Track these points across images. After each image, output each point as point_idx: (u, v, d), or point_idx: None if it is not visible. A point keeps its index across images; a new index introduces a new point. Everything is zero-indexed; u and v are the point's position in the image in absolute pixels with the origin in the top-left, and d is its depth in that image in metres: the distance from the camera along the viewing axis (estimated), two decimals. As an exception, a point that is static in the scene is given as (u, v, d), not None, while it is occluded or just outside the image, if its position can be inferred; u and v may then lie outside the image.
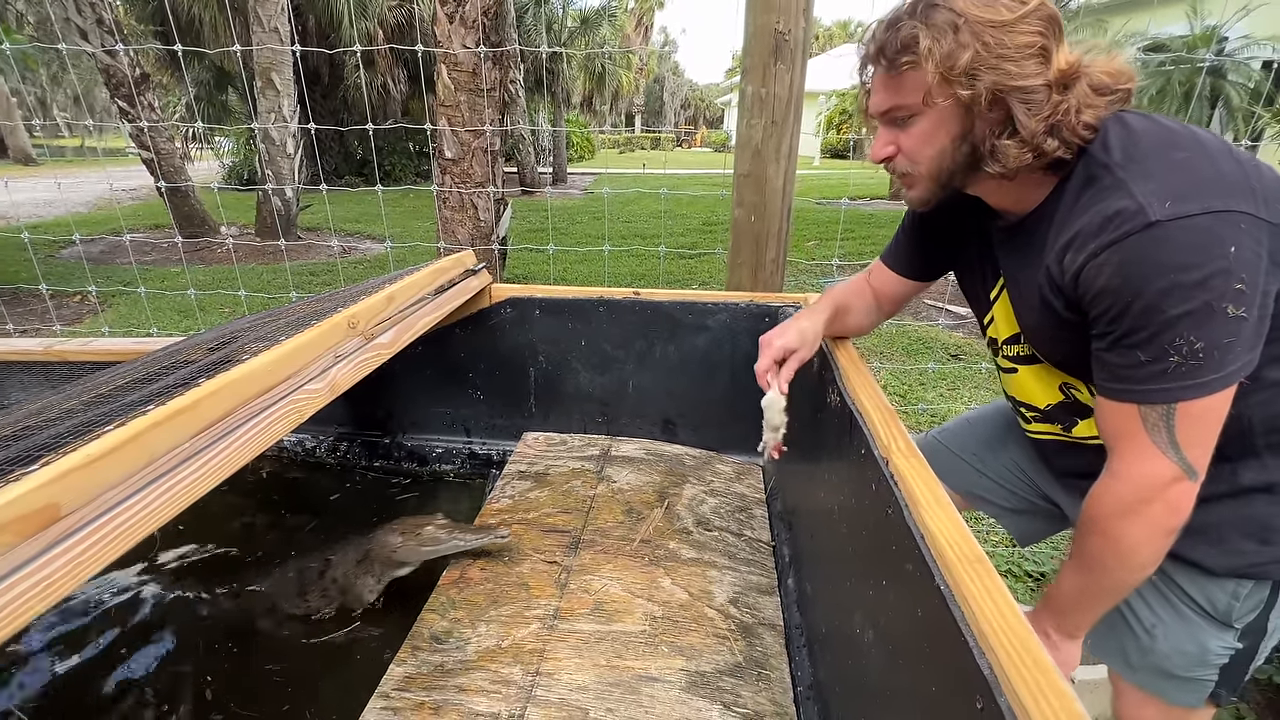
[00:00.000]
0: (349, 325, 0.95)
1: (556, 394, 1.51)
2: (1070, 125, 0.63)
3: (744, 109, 1.34)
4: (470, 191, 3.44)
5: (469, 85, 3.22)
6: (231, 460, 0.69)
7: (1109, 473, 0.66)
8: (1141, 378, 0.61)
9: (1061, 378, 0.79)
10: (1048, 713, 0.40)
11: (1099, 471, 0.68)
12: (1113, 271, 0.60)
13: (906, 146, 0.73)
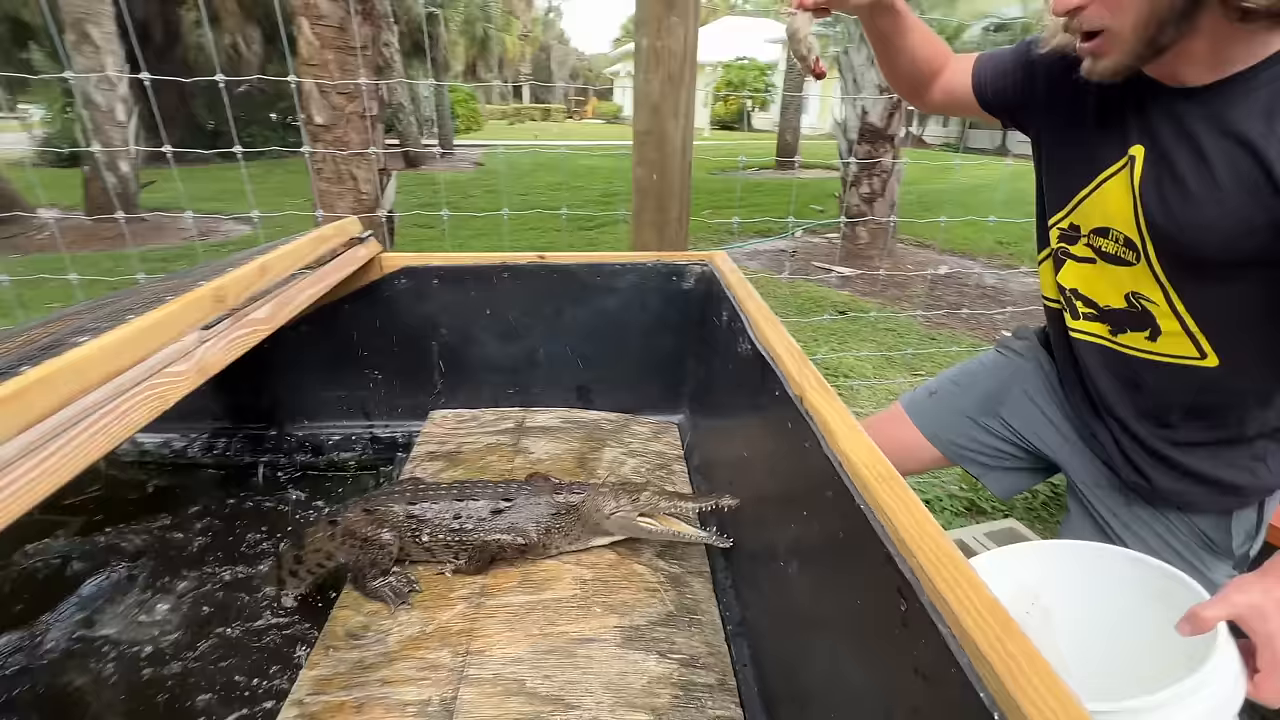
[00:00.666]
0: (216, 299, 0.83)
1: (463, 368, 1.43)
2: None
3: (640, 63, 1.31)
4: (348, 160, 3.16)
5: (336, 42, 2.92)
6: (76, 457, 0.59)
7: None
8: None
9: (1134, 288, 0.78)
10: (965, 601, 0.43)
11: (1151, 388, 0.74)
12: None
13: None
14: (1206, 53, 0.66)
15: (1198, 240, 0.69)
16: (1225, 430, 0.80)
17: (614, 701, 0.78)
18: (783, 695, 0.76)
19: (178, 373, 0.74)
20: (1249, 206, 0.65)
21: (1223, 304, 0.72)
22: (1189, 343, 0.76)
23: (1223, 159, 0.66)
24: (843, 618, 0.60)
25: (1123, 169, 0.75)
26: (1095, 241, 0.82)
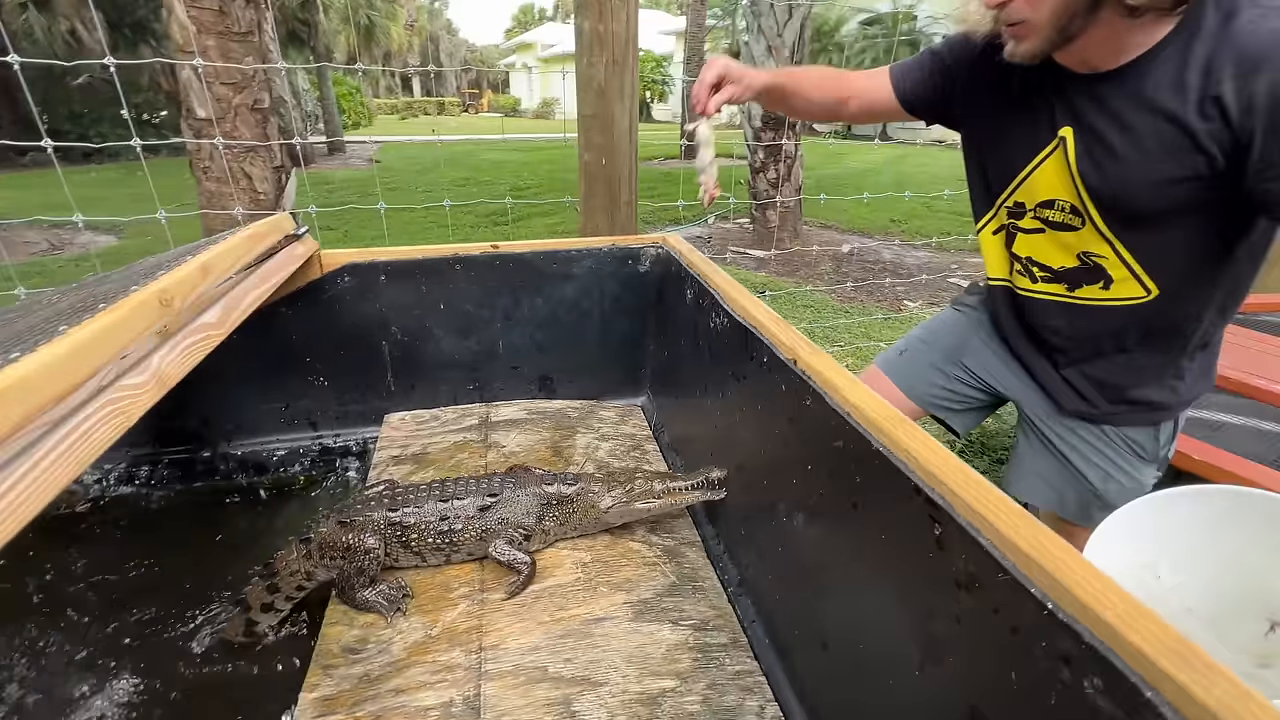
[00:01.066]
0: (161, 303, 0.75)
1: (418, 366, 1.37)
2: None
3: (582, 47, 1.30)
4: (239, 157, 2.88)
5: (218, 26, 2.65)
6: (43, 487, 0.51)
7: None
8: None
9: (1085, 247, 0.88)
10: (998, 514, 0.48)
11: (1100, 330, 0.88)
12: None
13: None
14: (1111, 40, 0.76)
15: (1134, 198, 0.80)
16: (1157, 355, 0.94)
17: (638, 673, 0.79)
18: (798, 641, 0.80)
19: (136, 385, 0.66)
20: (1172, 165, 0.76)
21: (1162, 247, 0.85)
22: (1137, 284, 0.88)
23: (1147, 128, 0.76)
24: (865, 554, 0.65)
25: (1056, 149, 0.86)
26: (1042, 213, 0.91)
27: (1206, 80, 0.71)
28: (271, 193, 3.08)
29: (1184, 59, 0.73)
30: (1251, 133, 0.70)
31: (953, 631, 0.52)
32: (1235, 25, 0.70)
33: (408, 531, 0.93)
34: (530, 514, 0.97)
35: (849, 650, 0.69)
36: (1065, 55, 0.81)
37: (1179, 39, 0.74)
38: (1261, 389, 1.61)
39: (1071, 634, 0.40)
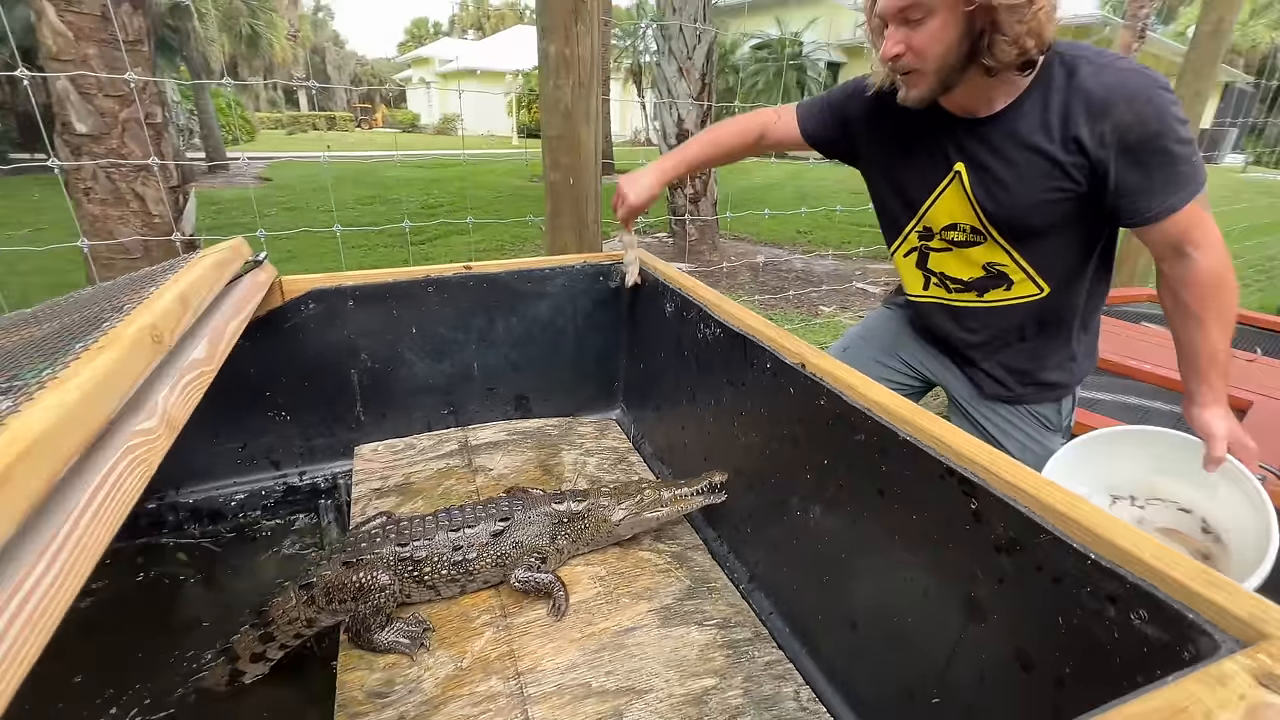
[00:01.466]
0: (153, 339, 0.69)
1: (390, 394, 1.32)
2: (1039, 32, 0.81)
3: (548, 70, 1.32)
4: (129, 177, 2.61)
5: (98, 34, 2.39)
6: (90, 547, 0.47)
7: (1198, 251, 0.87)
8: (1186, 179, 0.84)
9: (988, 259, 1.02)
10: (1030, 485, 0.56)
11: (1006, 325, 1.04)
12: (1150, 116, 0.82)
13: (916, 44, 0.85)
14: (984, 91, 0.92)
15: (1023, 217, 0.97)
16: (1051, 341, 1.11)
17: (679, 675, 0.82)
18: (822, 626, 0.86)
19: (149, 430, 0.61)
20: (1049, 189, 0.92)
21: (1048, 253, 1.01)
22: (1032, 284, 1.04)
23: (1025, 161, 0.92)
24: (896, 536, 0.72)
25: (953, 181, 1.00)
26: (948, 235, 1.06)
27: (1066, 123, 0.88)
28: (168, 215, 2.80)
29: (1045, 106, 0.90)
30: (1107, 163, 0.87)
31: (995, 592, 0.59)
32: (1078, 79, 0.87)
33: (420, 565, 0.89)
34: (544, 535, 0.97)
35: (881, 625, 0.75)
36: (950, 102, 0.97)
37: (1037, 90, 0.90)
38: (1130, 368, 1.90)
39: (1116, 577, 0.48)
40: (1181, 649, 0.44)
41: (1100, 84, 0.85)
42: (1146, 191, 0.86)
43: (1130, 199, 0.87)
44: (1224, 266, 0.88)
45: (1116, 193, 0.88)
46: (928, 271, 1.12)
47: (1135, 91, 0.83)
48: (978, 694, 0.62)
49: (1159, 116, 0.82)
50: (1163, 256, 0.91)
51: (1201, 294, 0.89)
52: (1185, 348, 0.93)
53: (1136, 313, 2.41)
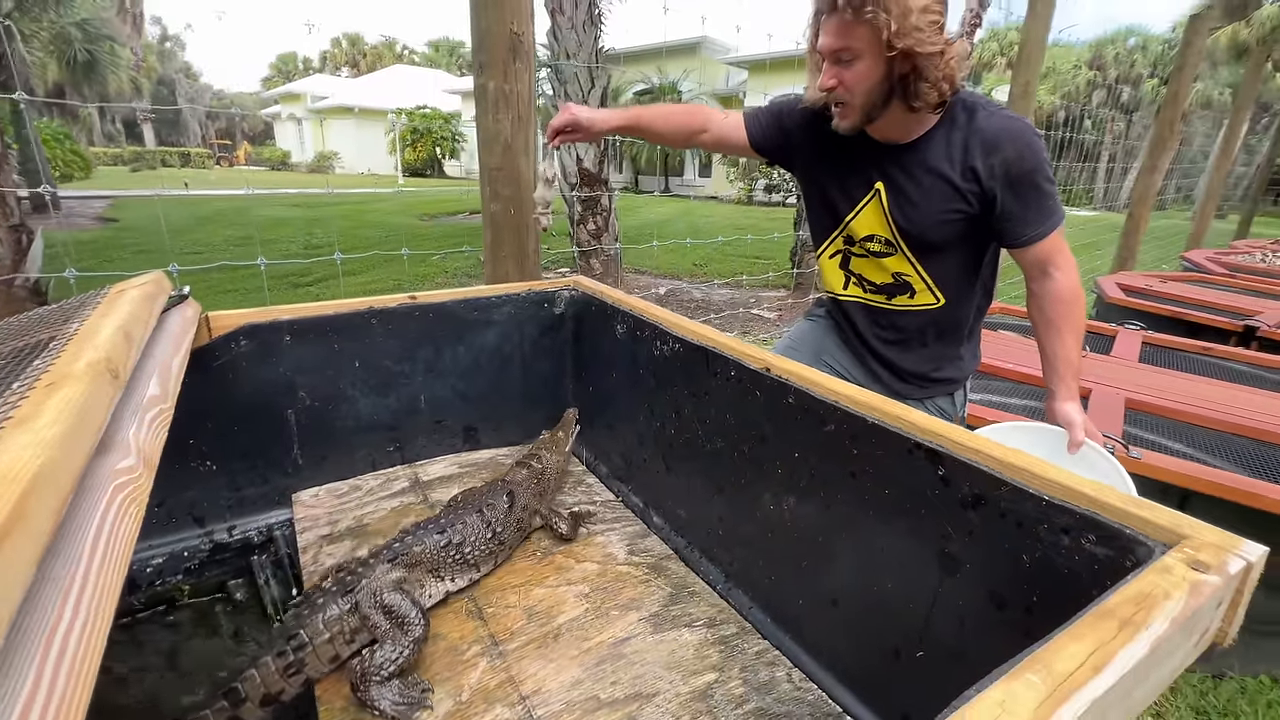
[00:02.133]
0: (112, 374, 0.62)
1: (330, 433, 1.24)
2: (951, 78, 0.99)
3: (487, 105, 1.36)
4: (-41, 216, 2.25)
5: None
6: (109, 591, 0.42)
7: (1059, 271, 1.08)
8: (1051, 211, 1.05)
9: (896, 269, 1.17)
10: (987, 449, 0.66)
11: (907, 327, 1.18)
12: (1029, 155, 1.02)
13: (847, 81, 1.00)
14: (901, 124, 1.09)
15: (926, 233, 1.13)
16: (945, 346, 1.29)
17: (681, 675, 0.84)
18: (803, 610, 0.92)
19: (130, 469, 0.55)
20: (949, 209, 1.09)
21: (946, 267, 1.19)
22: (931, 295, 1.21)
23: (932, 184, 1.09)
24: (870, 510, 0.80)
25: (873, 198, 1.16)
26: (866, 245, 1.21)
27: (965, 156, 1.07)
28: (8, 257, 2.44)
29: (949, 140, 1.08)
30: (995, 191, 1.06)
31: (966, 544, 0.69)
32: (976, 121, 1.06)
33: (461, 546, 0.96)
34: (533, 492, 1.12)
35: (862, 597, 0.83)
36: (875, 130, 1.13)
37: (943, 127, 1.09)
38: (995, 367, 2.21)
39: (1066, 511, 0.59)
40: (1124, 559, 0.55)
41: (993, 126, 1.04)
42: (1023, 219, 1.05)
43: (1010, 224, 1.06)
44: (1078, 285, 1.09)
45: (1000, 218, 1.07)
46: (849, 272, 1.28)
47: (1018, 134, 1.03)
48: (958, 638, 0.71)
49: (1035, 157, 1.02)
50: (1031, 275, 1.11)
51: (1061, 308, 1.09)
52: (1047, 353, 1.13)
53: (997, 323, 2.82)
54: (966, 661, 0.70)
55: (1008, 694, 0.36)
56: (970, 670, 0.70)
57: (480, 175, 1.44)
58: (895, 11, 0.93)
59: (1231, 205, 15.18)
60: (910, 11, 0.93)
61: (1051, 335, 1.10)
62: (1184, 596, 0.45)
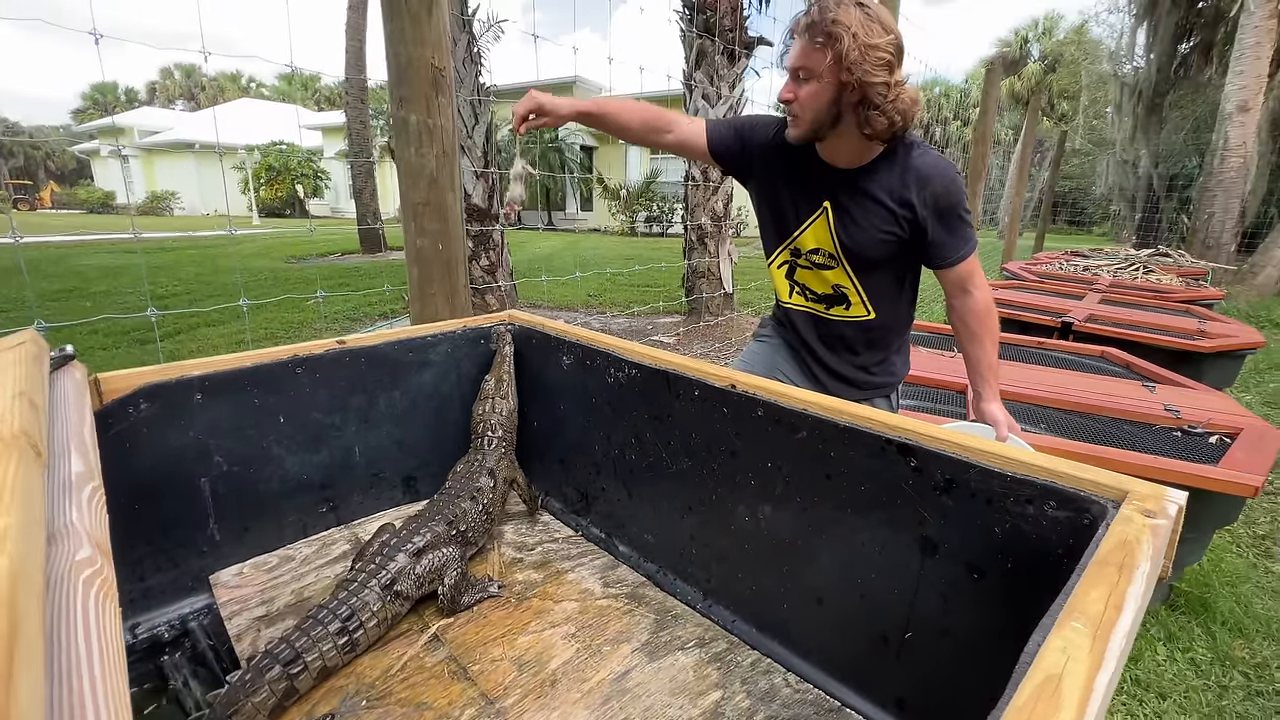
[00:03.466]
0: (33, 449, 0.52)
1: (254, 500, 1.10)
2: (903, 113, 1.10)
3: (409, 138, 1.31)
4: None
5: None
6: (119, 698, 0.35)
7: (976, 290, 1.25)
8: (969, 238, 1.22)
9: (836, 281, 1.28)
10: (951, 440, 0.75)
11: (843, 336, 1.31)
12: (954, 190, 1.18)
13: (801, 97, 1.13)
14: (849, 150, 1.22)
15: (865, 250, 1.26)
16: (878, 353, 1.42)
17: (689, 698, 0.84)
18: (788, 614, 0.95)
19: (89, 560, 0.47)
20: (885, 230, 1.23)
21: (879, 283, 1.33)
22: (864, 308, 1.34)
23: (872, 207, 1.22)
24: (848, 507, 0.86)
25: (820, 216, 1.28)
26: (811, 258, 1.33)
27: (903, 188, 1.21)
28: None
29: (890, 171, 1.22)
30: (925, 219, 1.22)
31: (942, 526, 0.76)
32: (913, 158, 1.22)
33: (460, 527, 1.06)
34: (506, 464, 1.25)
35: (846, 591, 0.88)
36: (826, 154, 1.25)
37: (886, 159, 1.23)
38: (930, 380, 2.44)
39: (1029, 484, 0.68)
40: (1081, 518, 0.65)
41: (926, 164, 1.19)
42: (948, 244, 1.22)
43: (937, 248, 1.22)
44: (992, 301, 1.27)
45: (929, 243, 1.22)
46: (794, 282, 1.39)
47: (944, 172, 1.19)
48: (943, 613, 0.77)
49: (959, 192, 1.20)
50: (953, 294, 1.27)
51: (980, 320, 1.26)
52: (972, 360, 1.29)
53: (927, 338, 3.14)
54: (952, 635, 0.77)
55: (1065, 640, 0.41)
56: (956, 643, 0.78)
57: (403, 210, 1.37)
58: (848, 45, 1.05)
59: (1024, 225, 18.27)
60: (862, 46, 1.06)
61: (975, 345, 1.27)
62: (1150, 539, 0.54)
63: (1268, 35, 8.07)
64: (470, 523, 1.09)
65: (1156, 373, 2.69)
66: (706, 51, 5.20)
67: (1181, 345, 3.21)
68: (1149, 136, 13.66)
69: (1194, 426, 2.01)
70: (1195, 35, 12.71)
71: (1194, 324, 3.63)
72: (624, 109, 1.37)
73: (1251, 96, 8.23)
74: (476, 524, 1.11)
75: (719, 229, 5.74)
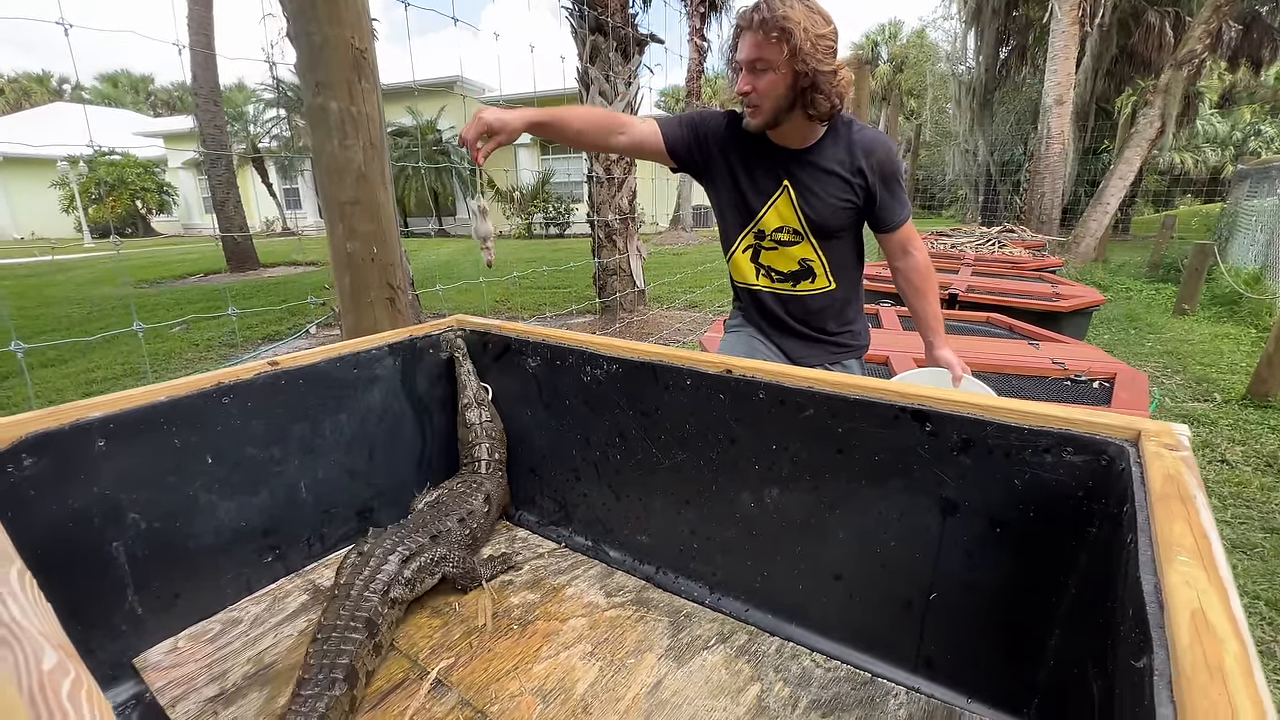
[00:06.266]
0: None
1: (181, 561, 0.92)
2: (842, 95, 1.13)
3: (331, 128, 1.16)
4: None
5: None
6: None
7: (916, 250, 1.35)
8: (906, 203, 1.31)
9: (802, 255, 1.31)
10: (965, 400, 0.77)
11: (810, 309, 1.34)
12: (894, 158, 1.27)
13: (759, 88, 1.17)
14: (800, 132, 1.29)
15: (828, 220, 1.32)
16: (844, 321, 1.48)
17: (729, 697, 0.80)
18: (804, 594, 0.94)
19: (59, 665, 0.34)
20: (843, 199, 1.30)
21: (839, 253, 1.39)
22: (827, 279, 1.39)
23: (827, 180, 1.30)
24: (863, 479, 0.86)
25: (782, 194, 1.33)
26: (776, 236, 1.38)
27: (851, 159, 1.28)
28: None
29: (836, 145, 1.29)
30: (875, 186, 1.29)
31: (961, 486, 0.78)
32: (852, 132, 1.29)
33: None
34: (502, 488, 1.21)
35: (866, 564, 0.88)
36: (777, 137, 1.30)
37: (831, 135, 1.29)
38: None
39: (1045, 434, 0.71)
40: (1098, 460, 0.69)
41: (867, 137, 1.27)
42: (891, 208, 1.30)
43: (884, 212, 1.30)
44: (929, 259, 1.37)
45: (878, 207, 1.30)
46: (759, 264, 1.42)
47: (886, 142, 1.28)
48: (968, 569, 0.80)
49: (898, 160, 1.29)
50: (896, 256, 1.35)
51: (923, 276, 1.35)
52: (919, 314, 1.37)
53: None
54: (977, 589, 0.79)
55: (1183, 576, 0.42)
56: (982, 596, 0.80)
57: (327, 211, 1.21)
58: (800, 36, 1.11)
59: (894, 210, 20.06)
60: (812, 37, 1.13)
61: (920, 299, 1.35)
62: (1188, 470, 0.57)
63: (1073, 39, 9.41)
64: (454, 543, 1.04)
65: (1035, 332, 3.03)
66: (600, 48, 5.18)
67: (1046, 307, 3.64)
68: (984, 128, 15.49)
69: (1079, 375, 2.28)
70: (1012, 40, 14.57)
71: (1049, 289, 4.13)
72: (576, 115, 1.34)
73: (1065, 91, 9.56)
74: (460, 544, 1.05)
75: (626, 226, 5.74)
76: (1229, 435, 3.16)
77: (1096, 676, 0.56)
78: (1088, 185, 13.83)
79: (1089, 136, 13.95)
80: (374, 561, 0.90)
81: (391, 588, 0.89)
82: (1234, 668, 0.34)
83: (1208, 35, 8.26)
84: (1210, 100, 15.06)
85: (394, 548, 0.94)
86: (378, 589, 0.87)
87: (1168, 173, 16.11)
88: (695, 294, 7.39)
